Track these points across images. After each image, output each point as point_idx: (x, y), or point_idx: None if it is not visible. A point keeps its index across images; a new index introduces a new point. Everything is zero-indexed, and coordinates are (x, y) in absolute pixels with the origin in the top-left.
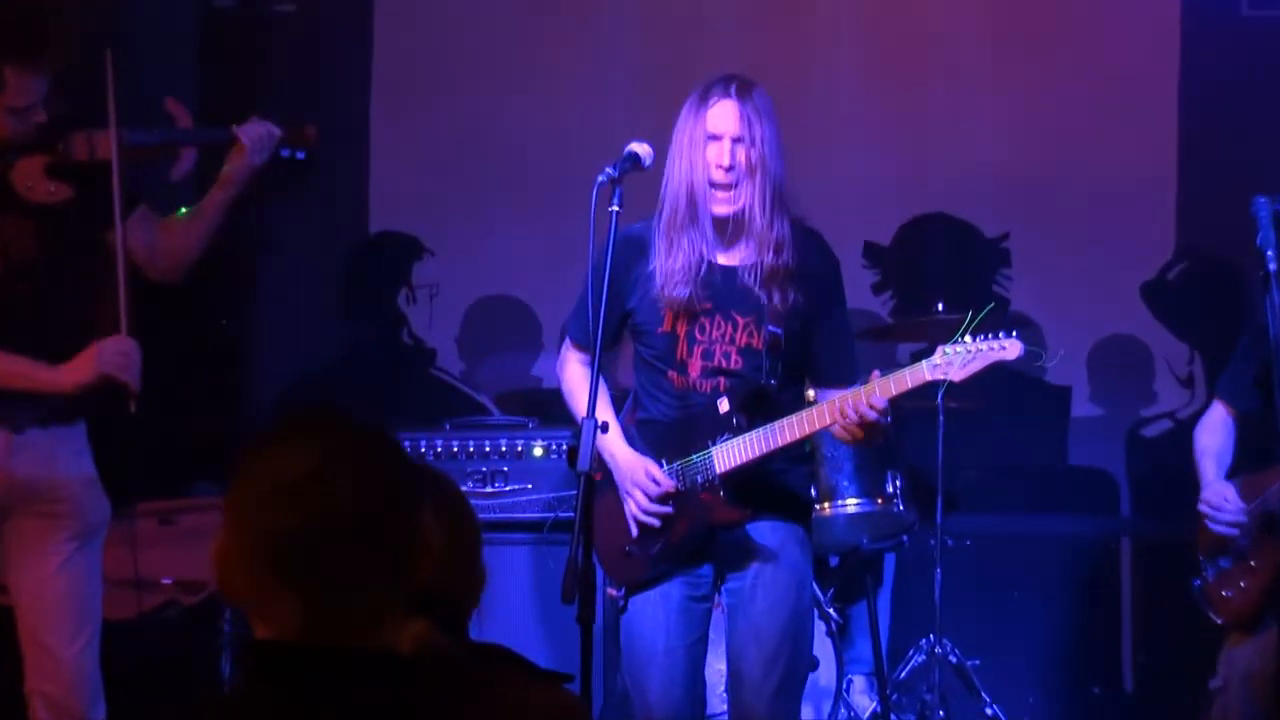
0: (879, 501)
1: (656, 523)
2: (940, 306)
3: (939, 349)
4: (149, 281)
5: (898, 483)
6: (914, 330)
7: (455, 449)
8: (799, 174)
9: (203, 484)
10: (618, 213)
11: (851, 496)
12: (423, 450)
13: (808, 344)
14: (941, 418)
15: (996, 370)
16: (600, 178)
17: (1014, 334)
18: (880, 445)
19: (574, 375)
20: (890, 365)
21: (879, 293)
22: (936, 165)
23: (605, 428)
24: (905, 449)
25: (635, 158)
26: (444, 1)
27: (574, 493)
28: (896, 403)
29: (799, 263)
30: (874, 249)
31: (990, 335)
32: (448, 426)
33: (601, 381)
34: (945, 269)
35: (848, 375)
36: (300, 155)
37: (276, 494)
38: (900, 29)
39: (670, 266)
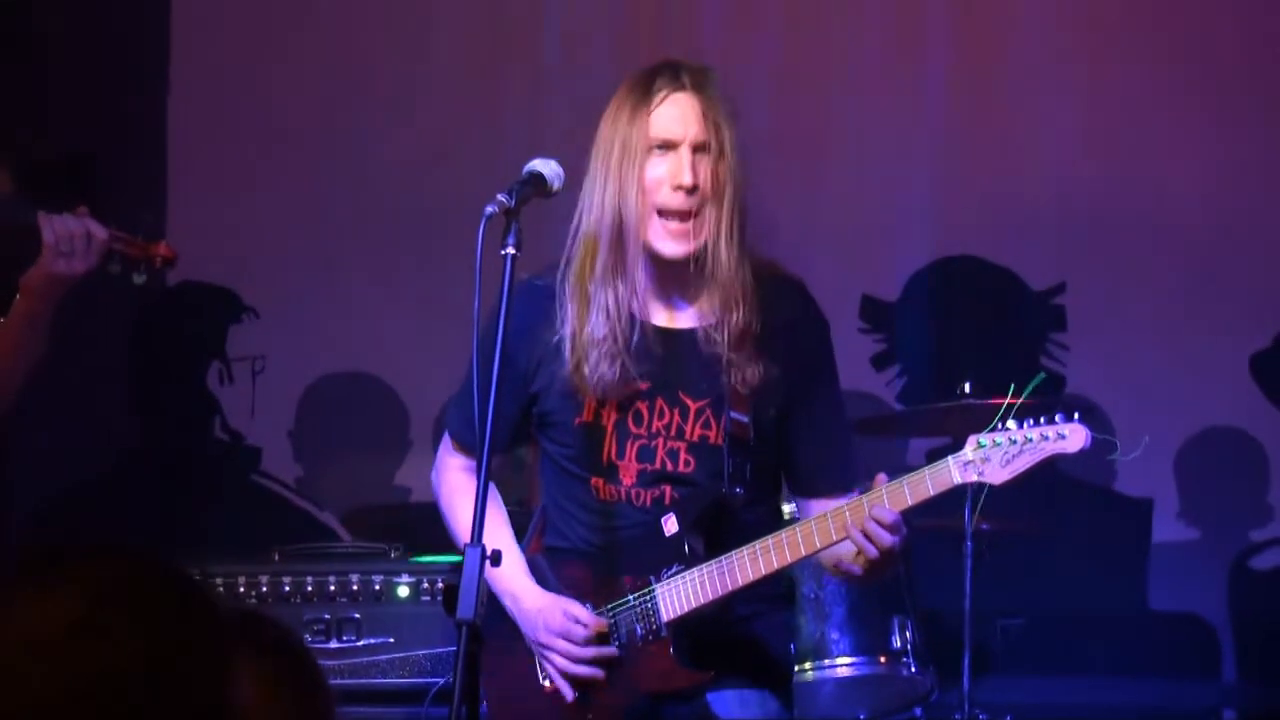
0: (882, 661)
1: (597, 673)
2: (968, 387)
3: (971, 440)
4: None
5: (908, 635)
6: (931, 421)
7: (287, 588)
8: (771, 197)
9: None
10: (513, 256)
11: (844, 654)
12: (241, 590)
13: (786, 437)
14: (969, 544)
15: (1048, 474)
16: (489, 208)
17: (1076, 416)
18: (885, 585)
19: (454, 486)
20: (899, 470)
21: (882, 368)
22: (967, 190)
23: (497, 558)
24: (919, 588)
25: (538, 179)
26: None
27: (453, 649)
28: (908, 521)
29: (773, 322)
30: (875, 306)
31: (1043, 420)
32: (277, 557)
33: (495, 495)
34: (976, 334)
35: (843, 480)
36: (140, 280)
37: (29, 656)
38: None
39: (589, 334)
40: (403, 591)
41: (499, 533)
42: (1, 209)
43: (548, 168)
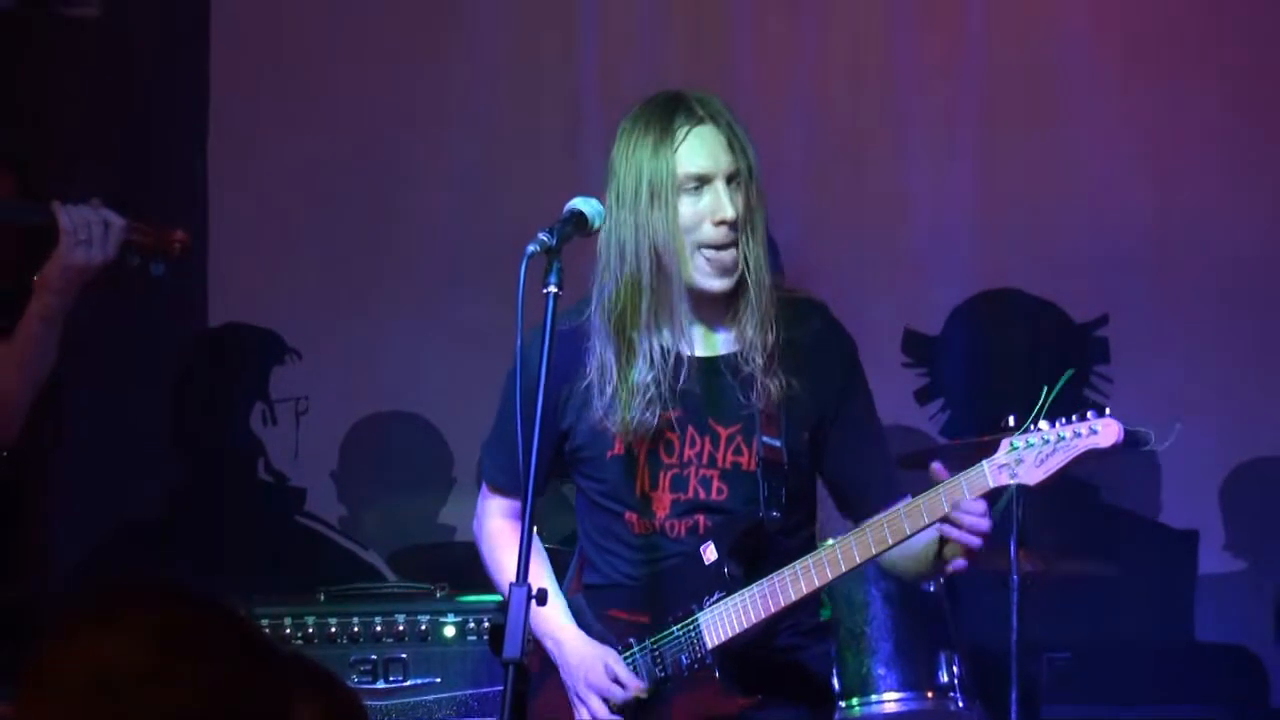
0: (929, 696)
1: None
2: (1011, 420)
3: (1004, 443)
4: None
5: (955, 670)
6: (974, 455)
7: (333, 629)
8: (813, 231)
9: None
10: (556, 294)
11: (891, 690)
12: (287, 631)
13: (827, 459)
14: (1015, 578)
15: (1093, 505)
16: (531, 247)
17: (1108, 411)
18: (931, 620)
19: (494, 535)
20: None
21: (925, 401)
22: (1008, 223)
23: (543, 598)
24: (965, 623)
25: (579, 218)
26: (311, 7)
27: (499, 689)
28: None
29: (799, 343)
30: (918, 339)
31: (1074, 418)
32: (322, 597)
33: (535, 541)
34: (1019, 367)
35: (892, 494)
36: (159, 270)
37: (100, 695)
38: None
39: (635, 382)
40: (449, 631)
41: (539, 578)
42: (12, 210)
43: (589, 206)
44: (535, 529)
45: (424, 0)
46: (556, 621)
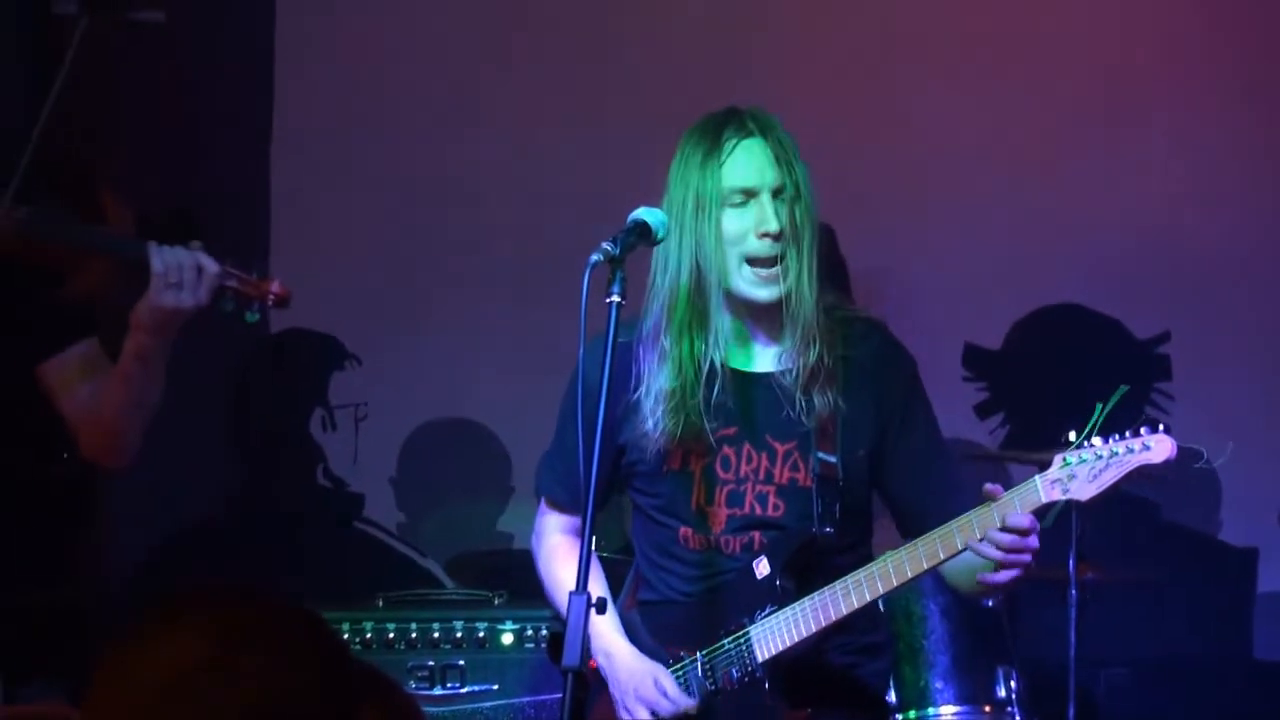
0: (986, 710)
1: None
2: (1072, 436)
3: (1057, 459)
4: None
5: (1013, 684)
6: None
7: (391, 635)
8: (875, 250)
9: (38, 683)
10: (618, 304)
11: (949, 703)
12: (345, 637)
13: (887, 478)
14: (1074, 592)
15: (1152, 523)
16: (594, 256)
17: (1162, 428)
18: (989, 634)
19: (554, 549)
20: None
21: (986, 415)
22: (1066, 236)
23: (602, 606)
24: (1023, 638)
25: (643, 228)
26: (372, 11)
27: (558, 697)
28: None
29: (856, 361)
30: (979, 354)
31: (1128, 433)
32: (380, 603)
33: (594, 556)
34: (1079, 383)
35: (949, 514)
36: (253, 318)
37: (162, 698)
38: (1022, 52)
39: (659, 389)
40: (507, 639)
41: (599, 585)
42: (113, 243)
43: (653, 217)
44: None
45: (488, 8)
46: (609, 636)
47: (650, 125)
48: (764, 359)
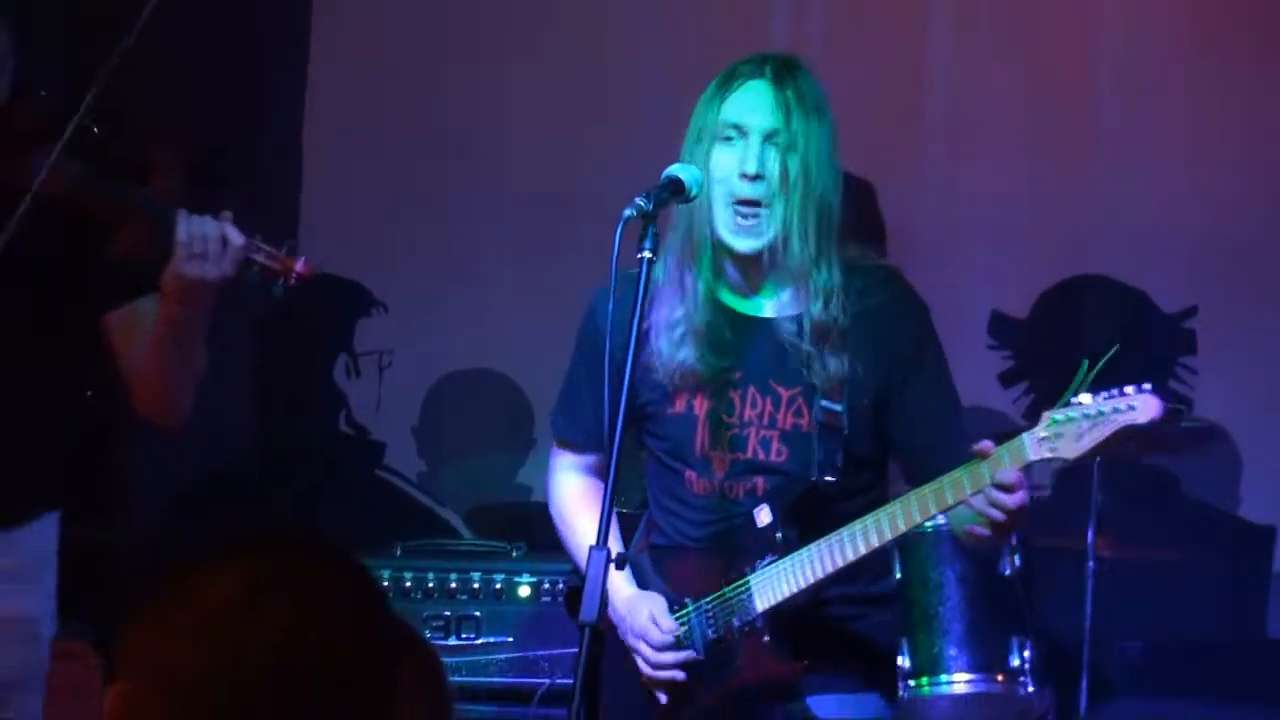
0: (1000, 679)
1: (677, 675)
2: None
3: (1045, 416)
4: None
5: (1026, 654)
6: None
7: (408, 583)
8: (903, 215)
9: (71, 623)
10: (650, 260)
11: (961, 670)
12: None
13: (891, 427)
14: (1092, 564)
15: (1166, 502)
16: (627, 211)
17: (1148, 387)
18: (1004, 603)
19: (568, 493)
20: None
21: (1010, 384)
22: (1096, 206)
23: (621, 562)
24: (1039, 608)
25: (677, 184)
26: None
27: (574, 651)
28: (1029, 543)
29: (864, 313)
30: (1005, 322)
31: (1115, 392)
32: (399, 551)
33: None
34: (1104, 354)
35: (952, 463)
36: (278, 292)
37: (190, 634)
38: (1046, 19)
39: (665, 317)
40: (524, 591)
41: (613, 537)
42: (146, 204)
43: (687, 173)
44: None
45: None
46: (616, 578)
47: (684, 83)
48: (768, 305)
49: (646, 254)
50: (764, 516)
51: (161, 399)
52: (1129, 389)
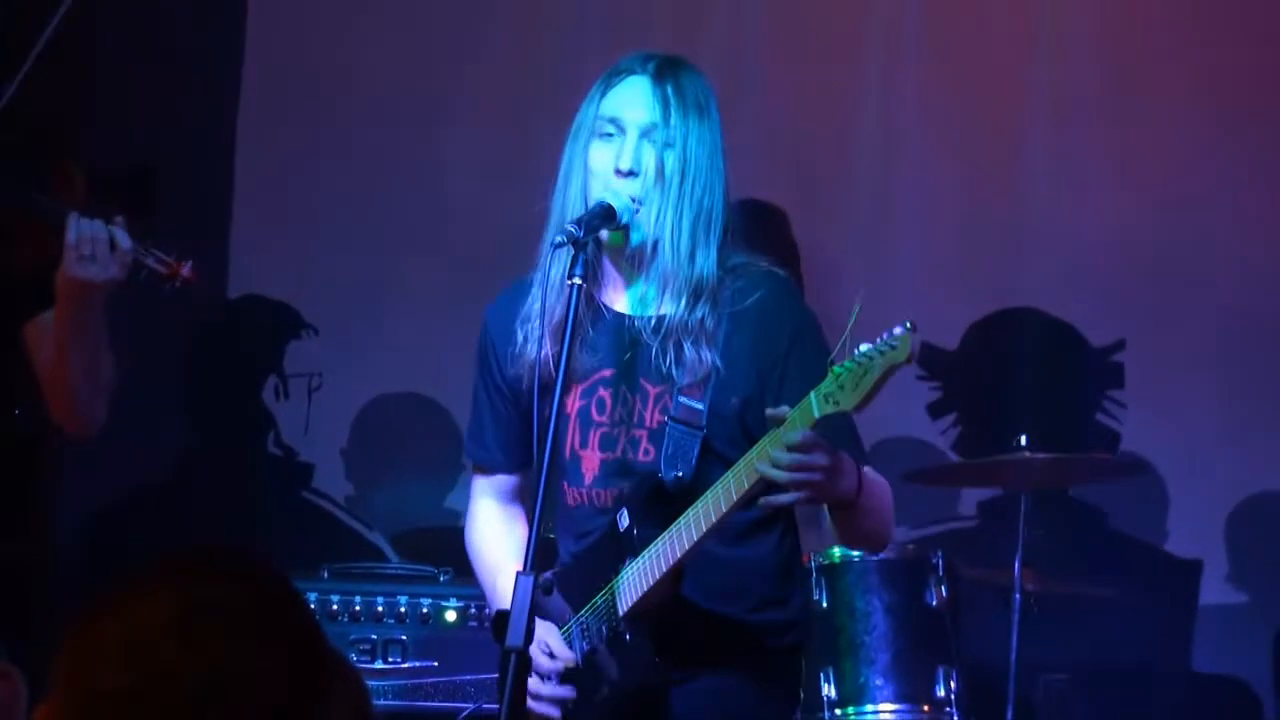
0: (925, 709)
1: (554, 713)
2: (1024, 439)
3: (829, 371)
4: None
5: (952, 685)
6: (987, 472)
7: (334, 607)
8: (830, 240)
9: None
10: (580, 287)
11: (887, 701)
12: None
13: (756, 427)
14: (1018, 596)
15: (1093, 536)
16: (556, 237)
17: (907, 324)
18: (931, 633)
19: (477, 521)
20: (949, 519)
21: (938, 415)
22: (1027, 239)
23: (549, 588)
24: (964, 639)
25: (608, 211)
26: None
27: (496, 676)
28: (956, 574)
29: (739, 315)
30: (934, 353)
31: (879, 338)
32: (325, 574)
33: (516, 518)
34: (1033, 386)
35: None
36: (167, 294)
37: (123, 654)
38: (978, 53)
39: (530, 309)
40: (450, 615)
41: (509, 562)
42: (37, 208)
43: (619, 201)
44: (519, 509)
45: None
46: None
47: None
48: (640, 302)
49: (577, 280)
50: (625, 519)
51: (71, 405)
52: (896, 329)
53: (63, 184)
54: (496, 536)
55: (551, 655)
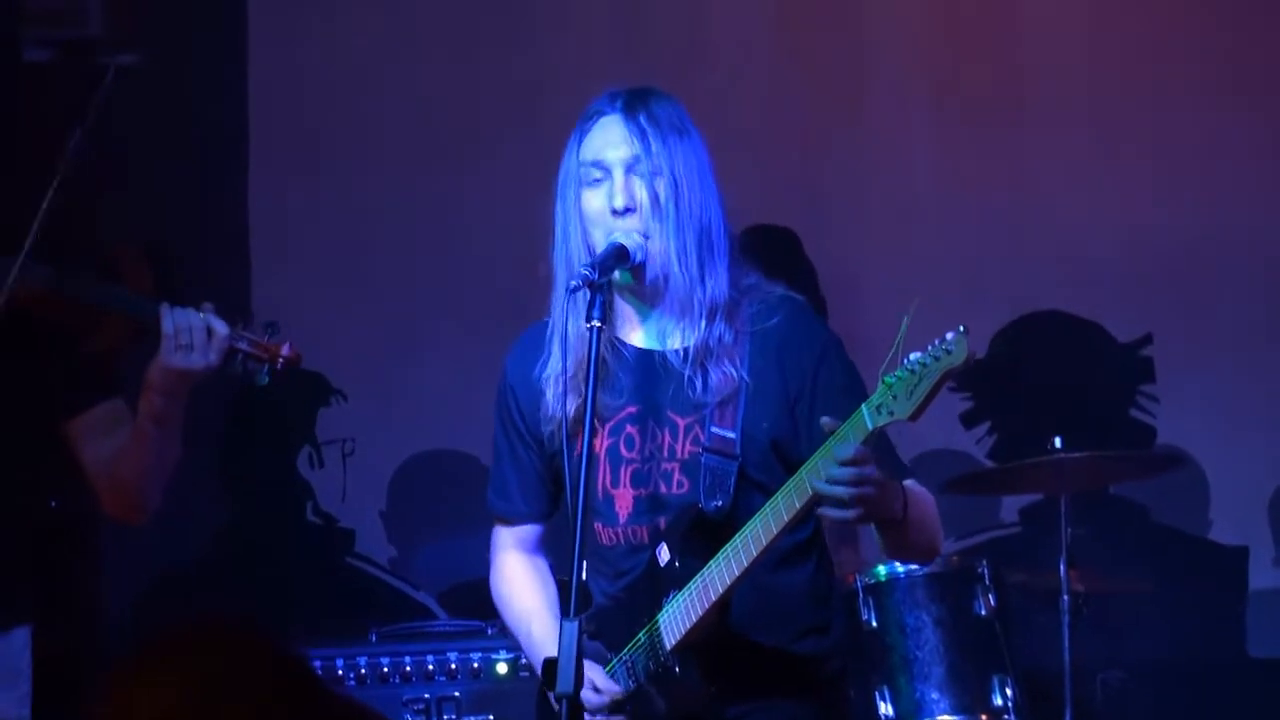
0: (983, 719)
1: None
2: (1058, 442)
3: (880, 381)
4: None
5: (1009, 692)
6: (1022, 477)
7: (385, 669)
8: (850, 249)
9: None
10: (599, 329)
11: (945, 713)
12: (339, 673)
13: (792, 453)
14: (1066, 598)
15: (1137, 531)
16: (572, 281)
17: (961, 329)
18: (982, 643)
19: (502, 577)
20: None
21: (971, 425)
22: (1049, 241)
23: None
24: (1018, 646)
25: (621, 252)
26: (349, 41)
27: None
28: (1002, 582)
29: (762, 340)
30: (974, 362)
31: (935, 342)
32: (374, 637)
33: (541, 567)
34: (1064, 388)
35: None
36: (263, 379)
37: None
38: (998, 53)
39: (554, 369)
40: (501, 668)
41: (543, 608)
42: (128, 302)
43: (630, 240)
44: (543, 559)
45: (469, 38)
46: (544, 648)
47: None
48: (658, 336)
49: (595, 323)
50: (665, 554)
51: (136, 497)
52: (949, 335)
53: (132, 273)
54: (526, 586)
55: (596, 690)
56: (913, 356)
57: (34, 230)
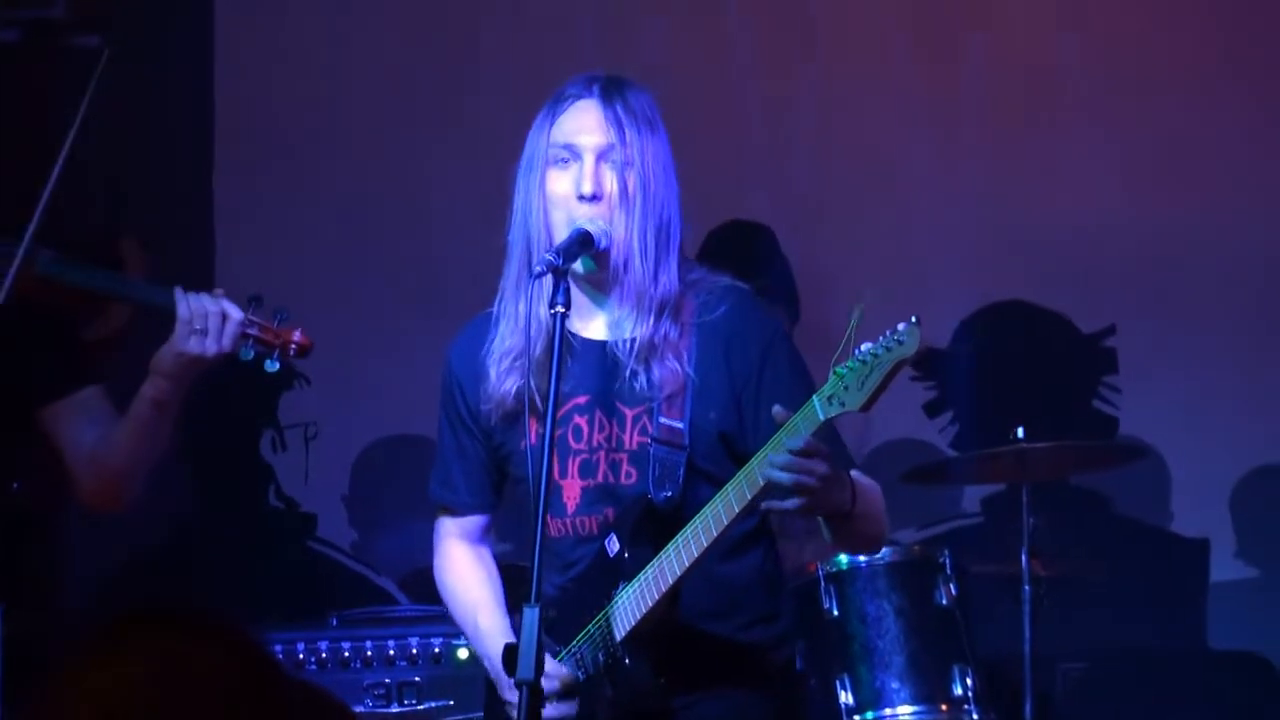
0: (943, 709)
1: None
2: (1021, 432)
3: (832, 372)
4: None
5: (969, 682)
6: (985, 466)
7: (346, 653)
8: (819, 247)
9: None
10: (563, 315)
11: (904, 703)
12: (300, 657)
13: (746, 444)
14: (1027, 588)
15: (1099, 522)
16: (538, 267)
17: (913, 319)
18: (943, 632)
19: (453, 562)
20: (951, 517)
21: (935, 414)
22: (1015, 233)
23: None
24: (979, 635)
25: (586, 238)
26: (316, 27)
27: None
28: (964, 572)
29: (707, 330)
30: (926, 352)
31: (884, 335)
32: (335, 621)
33: (486, 558)
34: (1027, 379)
35: None
36: (273, 366)
37: None
38: (962, 51)
39: (498, 346)
40: (462, 654)
41: (491, 600)
42: (139, 289)
43: (594, 226)
44: (487, 549)
45: (438, 16)
46: (491, 640)
47: None
48: (608, 326)
49: (559, 309)
50: (613, 544)
51: (119, 486)
52: (900, 325)
53: (133, 262)
54: (472, 577)
55: (545, 675)
56: (864, 347)
57: (37, 215)
